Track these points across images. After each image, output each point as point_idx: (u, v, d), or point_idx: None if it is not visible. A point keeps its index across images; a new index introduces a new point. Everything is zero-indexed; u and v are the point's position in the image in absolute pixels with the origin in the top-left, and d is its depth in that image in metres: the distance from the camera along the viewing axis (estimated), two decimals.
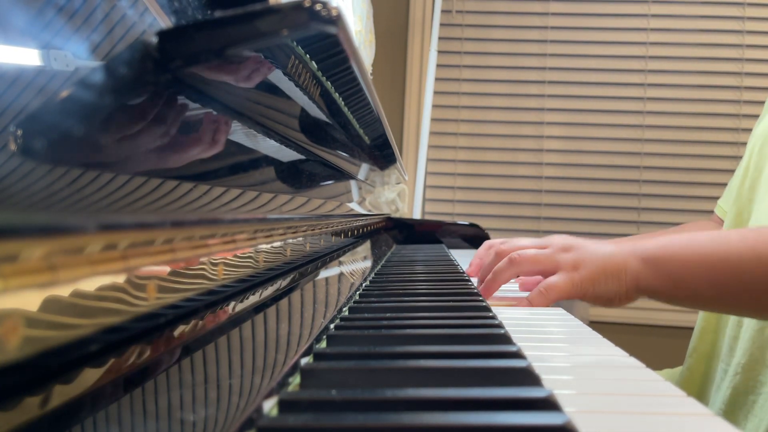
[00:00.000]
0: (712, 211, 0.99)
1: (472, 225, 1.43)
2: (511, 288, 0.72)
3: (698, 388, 0.84)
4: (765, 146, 0.79)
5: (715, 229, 0.94)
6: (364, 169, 0.96)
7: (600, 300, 0.62)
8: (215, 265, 0.33)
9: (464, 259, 1.07)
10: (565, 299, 0.62)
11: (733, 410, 0.73)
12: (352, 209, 0.84)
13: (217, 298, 0.34)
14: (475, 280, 0.73)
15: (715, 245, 0.60)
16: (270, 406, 0.27)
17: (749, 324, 0.73)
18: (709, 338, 0.83)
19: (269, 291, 0.42)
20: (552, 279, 0.62)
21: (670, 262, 0.60)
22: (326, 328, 0.43)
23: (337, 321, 0.46)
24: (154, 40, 0.27)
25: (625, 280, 0.60)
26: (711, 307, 0.68)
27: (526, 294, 0.64)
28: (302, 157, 0.56)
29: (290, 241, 0.50)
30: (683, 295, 0.61)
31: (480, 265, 0.90)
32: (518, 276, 0.68)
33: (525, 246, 0.67)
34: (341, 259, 0.70)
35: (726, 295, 0.60)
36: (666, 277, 0.60)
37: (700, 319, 0.85)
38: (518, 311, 0.59)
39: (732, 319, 0.77)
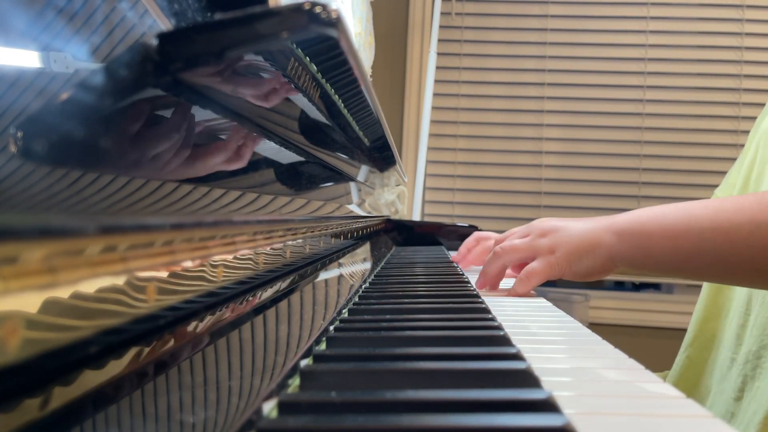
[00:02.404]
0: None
1: (471, 227, 1.43)
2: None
3: (697, 378, 0.84)
4: None
5: None
6: (363, 171, 0.96)
7: (578, 276, 0.66)
8: (215, 266, 0.33)
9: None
10: (547, 280, 0.66)
11: (741, 397, 0.73)
12: (351, 211, 0.84)
13: (216, 299, 0.34)
14: (474, 281, 0.73)
15: (679, 215, 0.63)
16: (270, 407, 0.27)
17: (759, 310, 0.73)
18: (710, 327, 0.83)
19: (269, 293, 0.42)
20: (531, 265, 0.67)
21: (639, 234, 0.63)
22: (326, 329, 0.43)
23: (337, 323, 0.46)
24: (154, 42, 0.27)
25: (599, 255, 0.64)
26: (678, 275, 0.71)
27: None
28: (302, 159, 0.56)
29: (290, 242, 0.50)
30: (652, 265, 0.65)
31: (465, 254, 1.01)
32: (505, 267, 0.72)
33: (508, 237, 0.73)
34: (341, 260, 0.70)
35: (690, 264, 0.63)
36: (636, 247, 0.63)
37: (700, 308, 0.84)
38: (519, 313, 0.59)
39: (739, 308, 0.76)
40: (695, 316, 0.86)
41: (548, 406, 0.27)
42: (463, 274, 0.79)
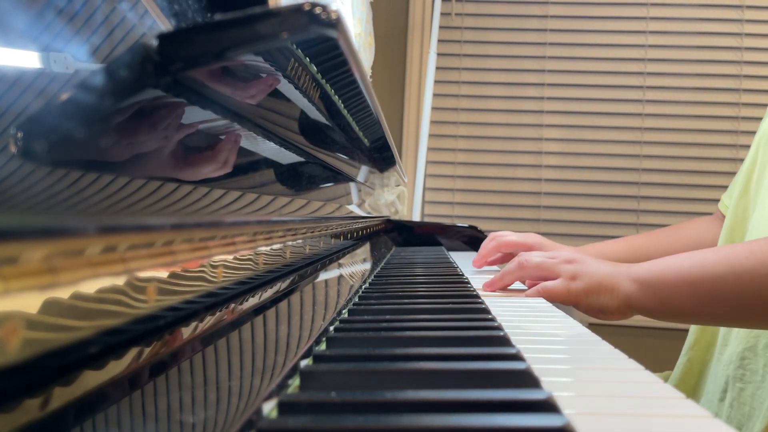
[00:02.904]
0: (710, 202, 0.99)
1: (471, 227, 1.43)
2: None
3: (697, 380, 0.85)
4: None
5: (714, 226, 0.96)
6: (363, 172, 0.96)
7: (591, 310, 0.69)
8: (215, 267, 0.33)
9: (464, 261, 1.07)
10: (558, 302, 0.68)
11: (724, 398, 0.76)
12: (351, 211, 0.84)
13: (216, 300, 0.34)
14: (474, 283, 0.73)
15: (694, 261, 0.65)
16: (270, 407, 0.27)
17: None
18: (711, 330, 0.84)
19: (269, 293, 0.43)
20: (551, 283, 0.69)
21: (656, 282, 0.66)
22: (326, 330, 0.43)
23: (337, 323, 0.46)
24: (154, 42, 0.27)
25: (617, 297, 0.67)
26: (697, 321, 0.73)
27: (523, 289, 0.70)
28: (302, 159, 0.56)
29: (290, 243, 0.50)
30: (670, 313, 0.68)
31: (484, 259, 1.01)
32: (522, 279, 0.75)
33: (533, 252, 0.76)
34: (341, 261, 0.71)
35: (707, 310, 0.65)
36: (653, 296, 0.66)
37: None
38: (520, 315, 0.59)
39: None
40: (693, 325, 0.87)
41: (548, 406, 0.27)
42: (463, 275, 0.79)
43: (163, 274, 0.27)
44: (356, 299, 0.58)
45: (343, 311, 0.51)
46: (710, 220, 0.99)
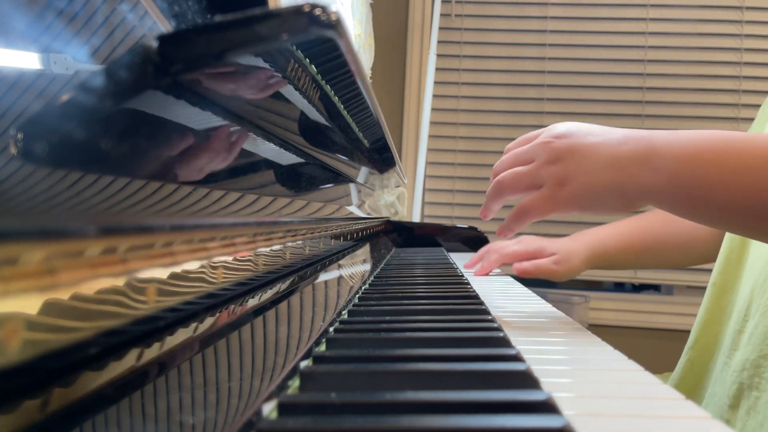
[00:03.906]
0: None
1: (471, 228, 1.43)
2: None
3: (697, 380, 0.83)
4: None
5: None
6: (363, 173, 0.96)
7: (585, 211, 0.55)
8: (215, 268, 0.33)
9: (463, 261, 1.07)
10: (545, 217, 0.56)
11: (737, 405, 0.72)
12: (351, 212, 0.84)
13: (216, 301, 0.34)
14: (478, 285, 0.73)
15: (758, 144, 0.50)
16: (269, 409, 0.27)
17: (759, 319, 0.72)
18: (712, 330, 0.82)
19: (269, 294, 0.43)
20: (529, 198, 0.55)
21: (692, 174, 0.50)
22: (326, 331, 0.43)
23: (337, 324, 0.46)
24: (154, 43, 0.27)
25: (627, 195, 0.52)
26: (723, 220, 0.55)
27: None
28: (301, 160, 0.56)
29: (290, 244, 0.50)
30: (702, 208, 0.52)
31: (485, 271, 0.98)
32: (504, 201, 0.61)
33: (512, 157, 0.59)
34: (341, 262, 0.71)
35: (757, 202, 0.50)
36: (684, 190, 0.51)
37: (702, 311, 0.84)
38: (520, 315, 0.59)
39: (737, 313, 0.76)
40: (698, 320, 0.85)
41: (548, 407, 0.27)
42: (462, 275, 0.79)
43: (163, 275, 0.27)
44: (356, 300, 0.58)
45: (343, 312, 0.51)
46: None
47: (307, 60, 0.47)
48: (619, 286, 2.20)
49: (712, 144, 0.51)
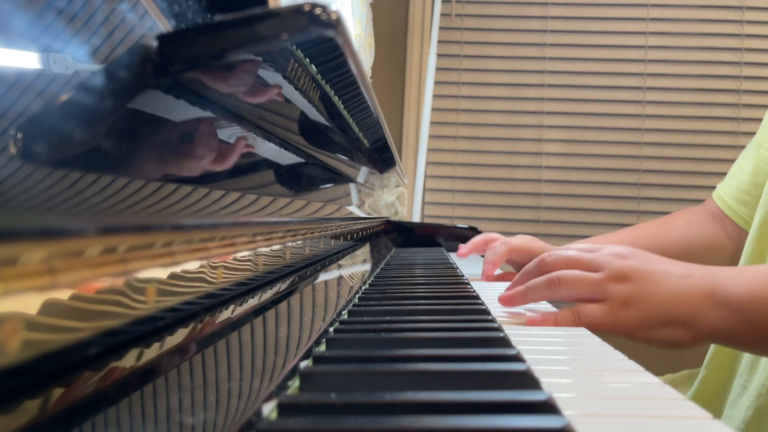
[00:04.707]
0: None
1: (471, 228, 1.43)
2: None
3: (713, 400, 0.80)
4: None
5: (704, 221, 0.90)
6: (363, 173, 0.96)
7: (653, 343, 0.52)
8: (215, 268, 0.33)
9: (463, 262, 1.07)
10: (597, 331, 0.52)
11: (756, 430, 0.70)
12: (351, 212, 0.84)
13: (216, 301, 0.34)
14: (475, 284, 0.73)
15: None
16: (269, 409, 0.27)
17: None
18: (728, 350, 0.78)
19: (269, 294, 0.42)
20: (591, 307, 0.52)
21: (759, 308, 0.49)
22: (326, 331, 0.43)
23: (337, 324, 0.46)
24: (154, 43, 0.27)
25: (693, 330, 0.50)
26: None
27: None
28: (301, 160, 0.56)
29: (289, 244, 0.50)
30: (765, 345, 0.52)
31: (472, 247, 0.91)
32: (553, 299, 0.57)
33: (572, 259, 0.55)
34: (340, 262, 0.70)
35: None
36: (751, 326, 0.50)
37: None
38: (521, 316, 0.59)
39: None
40: None
41: (548, 407, 0.27)
42: (462, 275, 0.79)
43: (163, 275, 0.27)
44: (356, 300, 0.58)
45: (343, 312, 0.51)
46: (699, 213, 0.94)
47: (307, 60, 0.47)
48: None
49: None
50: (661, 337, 0.51)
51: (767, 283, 0.50)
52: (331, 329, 0.44)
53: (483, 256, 0.93)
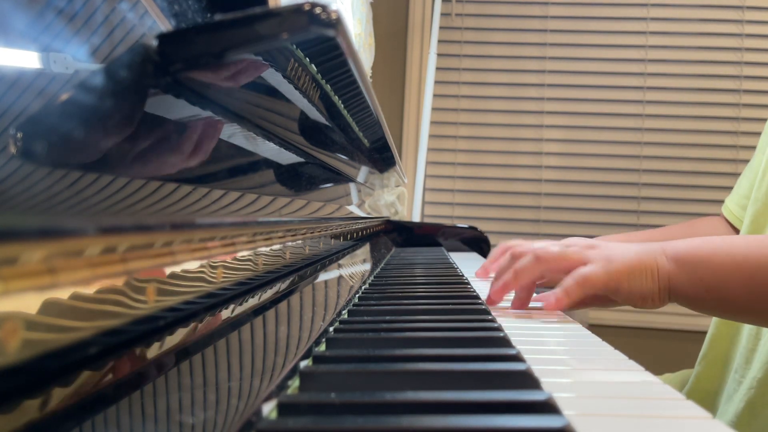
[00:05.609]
0: (710, 203, 0.96)
1: (471, 228, 1.43)
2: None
3: (708, 396, 0.81)
4: None
5: (724, 228, 0.92)
6: (363, 172, 0.96)
7: (634, 297, 0.57)
8: (214, 268, 0.33)
9: (463, 261, 1.07)
10: (600, 292, 0.57)
11: (747, 423, 0.71)
12: (351, 212, 0.84)
13: (216, 301, 0.34)
14: (475, 284, 0.73)
15: (751, 249, 0.55)
16: (269, 409, 0.27)
17: None
18: (722, 346, 0.80)
19: (268, 294, 0.42)
20: (585, 269, 0.56)
21: (702, 265, 0.56)
22: (325, 331, 0.43)
23: (337, 324, 0.46)
24: (154, 43, 0.27)
25: (658, 279, 0.56)
26: (742, 316, 0.63)
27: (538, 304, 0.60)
28: (301, 160, 0.56)
29: (289, 244, 0.50)
30: (714, 302, 0.58)
31: (490, 267, 0.86)
32: (543, 276, 0.61)
33: (542, 247, 0.61)
34: (340, 262, 0.70)
35: (762, 304, 0.56)
36: (698, 280, 0.56)
37: (713, 326, 0.82)
38: (521, 316, 0.59)
39: (748, 330, 0.74)
40: (708, 333, 0.83)
41: (548, 407, 0.27)
42: (463, 275, 0.79)
43: (163, 274, 0.27)
44: (356, 300, 0.58)
45: (343, 312, 0.51)
46: (719, 220, 0.96)
47: (308, 59, 0.47)
48: None
49: (705, 239, 0.59)
50: (640, 287, 0.57)
51: (702, 241, 0.58)
52: (331, 329, 0.44)
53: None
